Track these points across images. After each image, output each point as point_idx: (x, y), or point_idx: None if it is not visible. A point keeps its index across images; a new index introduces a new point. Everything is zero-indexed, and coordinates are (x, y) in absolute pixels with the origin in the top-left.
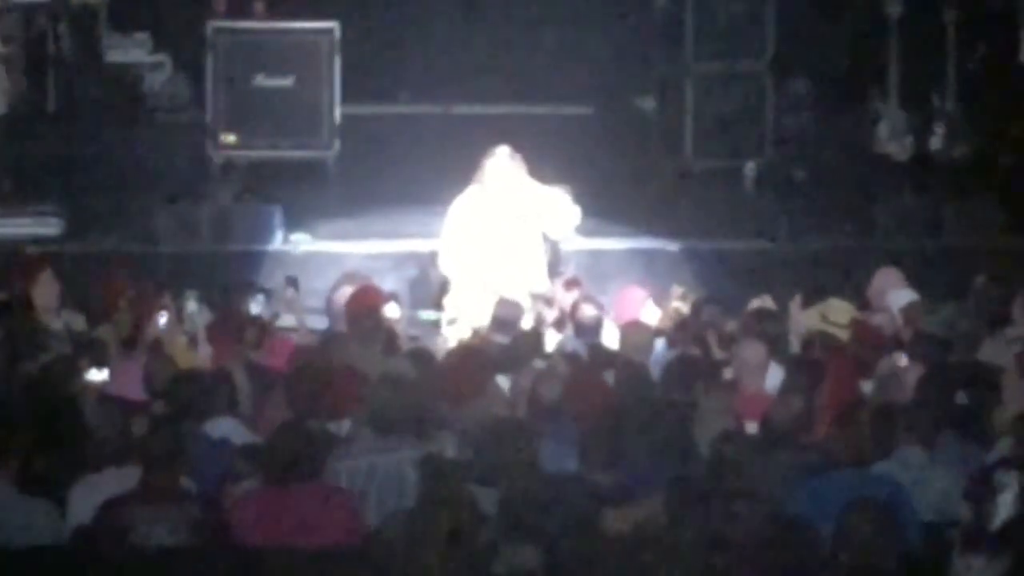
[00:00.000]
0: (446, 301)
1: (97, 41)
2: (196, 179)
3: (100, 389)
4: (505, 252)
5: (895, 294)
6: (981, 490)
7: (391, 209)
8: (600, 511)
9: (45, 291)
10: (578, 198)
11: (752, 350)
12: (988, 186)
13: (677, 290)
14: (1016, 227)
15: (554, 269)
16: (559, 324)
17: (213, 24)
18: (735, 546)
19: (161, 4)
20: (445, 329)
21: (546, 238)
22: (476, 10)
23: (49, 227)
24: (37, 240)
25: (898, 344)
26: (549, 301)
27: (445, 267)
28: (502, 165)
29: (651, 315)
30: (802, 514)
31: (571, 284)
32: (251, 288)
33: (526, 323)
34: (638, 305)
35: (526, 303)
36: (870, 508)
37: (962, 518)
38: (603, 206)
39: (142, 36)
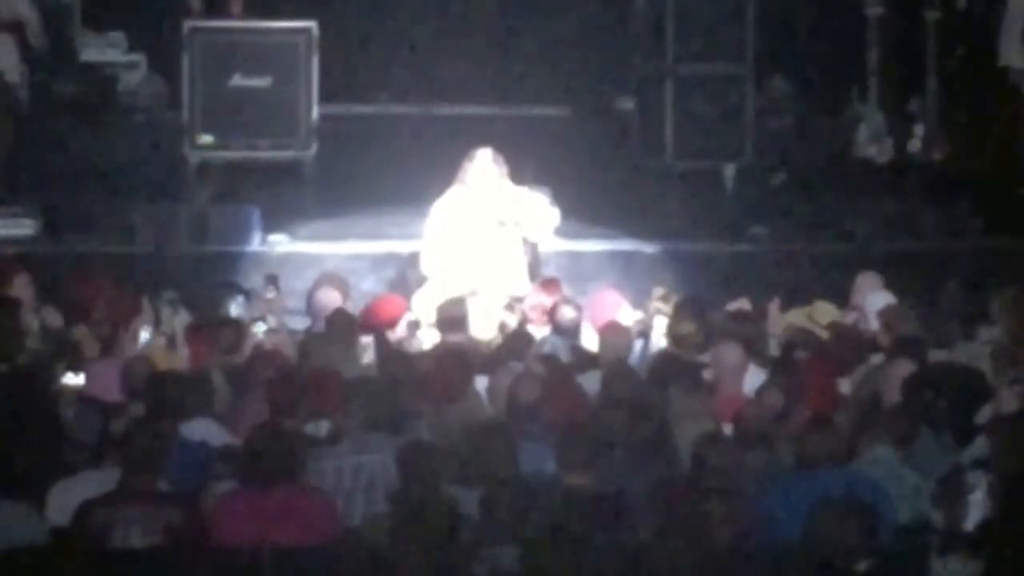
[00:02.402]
0: (414, 302)
1: (71, 40)
2: (172, 179)
3: (78, 390)
4: (485, 255)
5: (871, 296)
6: (952, 491)
7: (369, 210)
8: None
9: (21, 293)
10: (557, 199)
11: (730, 352)
12: (967, 189)
13: (658, 290)
14: (995, 230)
15: (534, 272)
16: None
17: (189, 23)
18: (716, 546)
19: (136, 3)
20: (419, 331)
21: (526, 241)
22: (455, 10)
23: (23, 228)
24: (11, 241)
25: (876, 345)
26: (511, 306)
27: (427, 268)
28: (484, 167)
29: (628, 317)
30: (775, 513)
31: (545, 286)
32: (230, 290)
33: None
34: (613, 309)
35: (506, 306)
36: (843, 506)
37: (935, 519)
38: (582, 207)
39: (117, 35)
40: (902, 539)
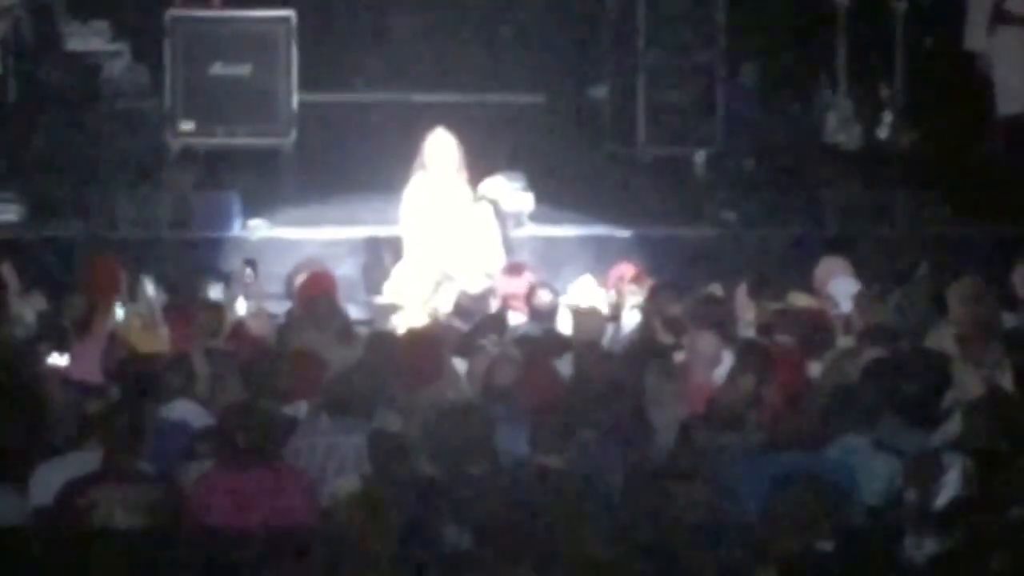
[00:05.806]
0: (386, 287)
1: (57, 30)
2: (154, 166)
3: (61, 372)
4: (459, 236)
5: (835, 281)
6: (926, 471)
7: (347, 196)
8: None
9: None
10: (531, 185)
11: (705, 341)
12: (935, 175)
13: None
14: (962, 216)
15: (509, 248)
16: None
17: (171, 13)
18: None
19: None
20: (394, 315)
21: (499, 215)
22: (431, 0)
23: (9, 213)
24: None
25: (845, 331)
26: (492, 291)
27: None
28: (442, 147)
29: (600, 300)
30: (741, 491)
31: (514, 270)
32: (210, 274)
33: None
34: (630, 274)
35: (483, 286)
36: (802, 483)
37: (907, 499)
38: (555, 193)
39: (101, 25)
40: (873, 519)
